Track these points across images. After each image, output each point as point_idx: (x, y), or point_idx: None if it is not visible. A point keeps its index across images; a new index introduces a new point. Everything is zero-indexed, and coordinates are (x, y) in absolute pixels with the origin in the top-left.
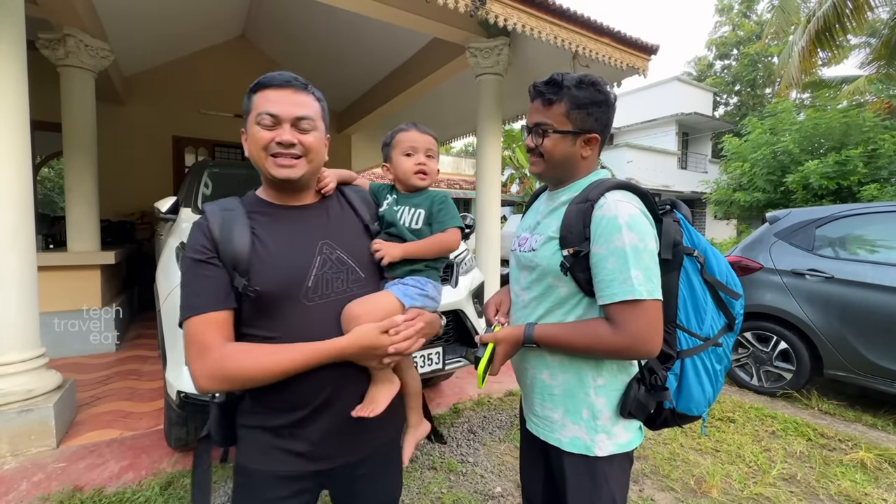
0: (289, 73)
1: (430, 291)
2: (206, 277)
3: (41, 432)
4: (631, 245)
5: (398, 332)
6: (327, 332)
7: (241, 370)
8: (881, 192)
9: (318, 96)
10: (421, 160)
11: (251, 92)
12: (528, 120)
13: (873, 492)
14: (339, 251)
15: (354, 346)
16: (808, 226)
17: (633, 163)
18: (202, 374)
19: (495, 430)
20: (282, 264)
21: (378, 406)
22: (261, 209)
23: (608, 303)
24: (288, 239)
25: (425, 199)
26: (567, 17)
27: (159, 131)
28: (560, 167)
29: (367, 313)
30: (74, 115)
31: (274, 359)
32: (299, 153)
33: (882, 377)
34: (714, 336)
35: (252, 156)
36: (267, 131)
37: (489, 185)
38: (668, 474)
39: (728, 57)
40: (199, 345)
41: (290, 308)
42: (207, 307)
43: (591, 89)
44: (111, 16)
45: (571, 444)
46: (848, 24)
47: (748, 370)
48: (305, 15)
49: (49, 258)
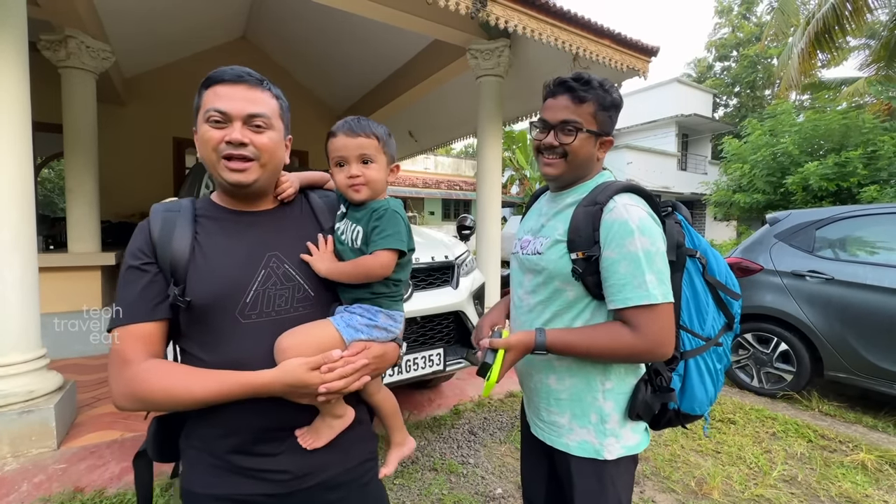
0: (241, 68)
1: (380, 321)
2: (134, 284)
3: (42, 433)
4: (644, 249)
5: (332, 370)
6: (261, 354)
7: (155, 393)
8: (881, 194)
9: (275, 93)
10: (352, 171)
11: (201, 87)
12: (551, 116)
13: (874, 493)
14: (287, 265)
15: (278, 384)
16: (808, 227)
17: (632, 164)
18: (117, 391)
19: (496, 432)
20: (218, 274)
21: (318, 439)
22: (210, 213)
23: (622, 307)
24: (231, 248)
25: (364, 215)
26: (567, 18)
27: (160, 132)
28: (579, 169)
29: (298, 346)
30: (75, 117)
31: (189, 386)
32: (251, 155)
33: (882, 378)
34: (715, 336)
35: (203, 157)
36: (216, 130)
37: (489, 186)
38: (669, 476)
39: (728, 59)
40: (120, 359)
41: (223, 324)
42: (132, 318)
43: (613, 91)
44: (112, 17)
45: (580, 448)
46: (847, 25)
47: (749, 372)
48: (306, 16)
49: (50, 259)
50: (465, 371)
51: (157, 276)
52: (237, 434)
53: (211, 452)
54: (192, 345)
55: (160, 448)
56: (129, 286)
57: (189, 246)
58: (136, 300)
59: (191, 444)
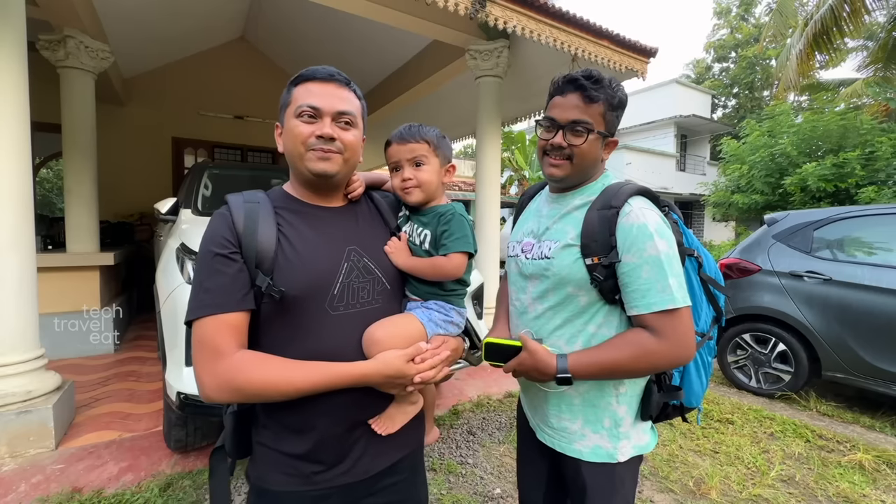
0: (331, 68)
1: (454, 318)
2: (223, 274)
3: (40, 434)
4: (664, 253)
5: (423, 361)
6: (350, 345)
7: (255, 384)
8: (878, 195)
9: (359, 94)
10: (406, 175)
11: (291, 85)
12: (560, 115)
13: (871, 493)
14: (366, 259)
15: (378, 375)
16: (805, 228)
17: (631, 165)
18: (211, 383)
19: (494, 432)
20: (309, 267)
21: (393, 425)
22: (289, 205)
23: (646, 312)
24: (316, 241)
25: (432, 219)
26: (566, 19)
27: (159, 133)
28: (585, 171)
29: (391, 338)
30: (74, 117)
31: (291, 376)
32: (337, 150)
33: (880, 379)
34: (708, 330)
35: (288, 150)
36: (307, 125)
37: (488, 186)
38: (668, 476)
39: (726, 60)
40: (211, 350)
41: (313, 316)
42: (223, 307)
43: (620, 91)
44: (111, 17)
45: (593, 453)
46: (845, 27)
47: (747, 372)
48: (305, 17)
49: (48, 259)
50: (464, 372)
51: (244, 266)
52: (315, 429)
53: (285, 449)
54: (275, 336)
55: (238, 443)
56: (217, 275)
57: (275, 238)
58: (227, 289)
59: (264, 439)
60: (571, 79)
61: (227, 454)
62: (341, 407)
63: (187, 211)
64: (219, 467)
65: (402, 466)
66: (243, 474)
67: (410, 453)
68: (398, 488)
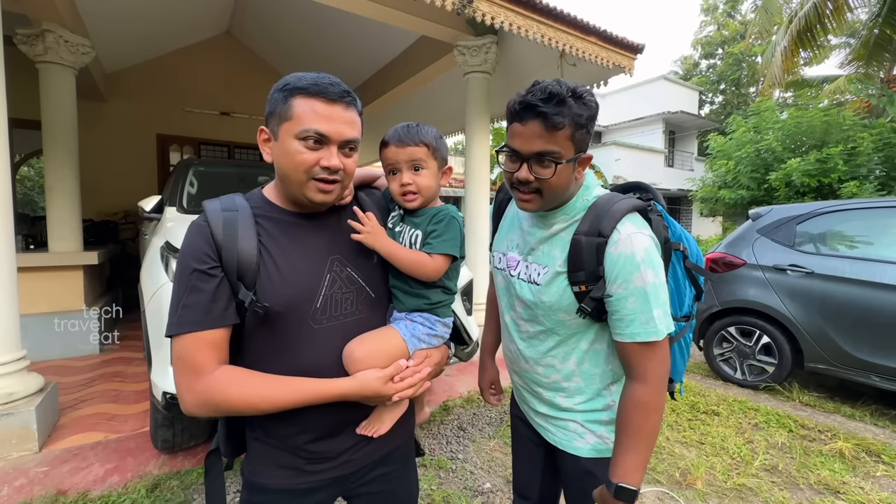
0: (339, 83)
1: (439, 331)
2: (201, 291)
3: (22, 436)
4: (650, 284)
5: (403, 379)
6: (332, 357)
7: (233, 402)
8: (860, 189)
9: (360, 110)
10: (405, 179)
11: (292, 93)
12: (523, 146)
13: (851, 480)
14: (349, 269)
15: (356, 395)
16: (789, 222)
17: (620, 161)
18: (192, 400)
19: (485, 427)
20: (291, 280)
21: (383, 427)
22: (270, 214)
23: (628, 342)
24: (298, 254)
25: (424, 220)
26: (554, 16)
27: (143, 129)
28: (559, 197)
29: (370, 358)
30: (54, 113)
31: (269, 394)
32: (340, 178)
33: (860, 369)
34: (690, 312)
35: (284, 171)
36: (311, 152)
37: (478, 183)
38: (654, 467)
39: (713, 56)
40: (190, 367)
41: (297, 330)
42: (202, 324)
43: (588, 100)
44: (92, 11)
45: (593, 450)
46: (828, 24)
47: (732, 364)
48: (291, 12)
49: (29, 259)
50: (455, 368)
51: (224, 280)
52: (309, 431)
53: (278, 443)
54: (257, 350)
55: (232, 441)
56: (195, 292)
57: (256, 250)
58: (207, 306)
59: (257, 434)
60: (529, 105)
61: (222, 454)
62: (330, 409)
63: (172, 209)
64: (213, 466)
65: (394, 457)
66: (238, 472)
67: (402, 443)
68: (390, 478)
